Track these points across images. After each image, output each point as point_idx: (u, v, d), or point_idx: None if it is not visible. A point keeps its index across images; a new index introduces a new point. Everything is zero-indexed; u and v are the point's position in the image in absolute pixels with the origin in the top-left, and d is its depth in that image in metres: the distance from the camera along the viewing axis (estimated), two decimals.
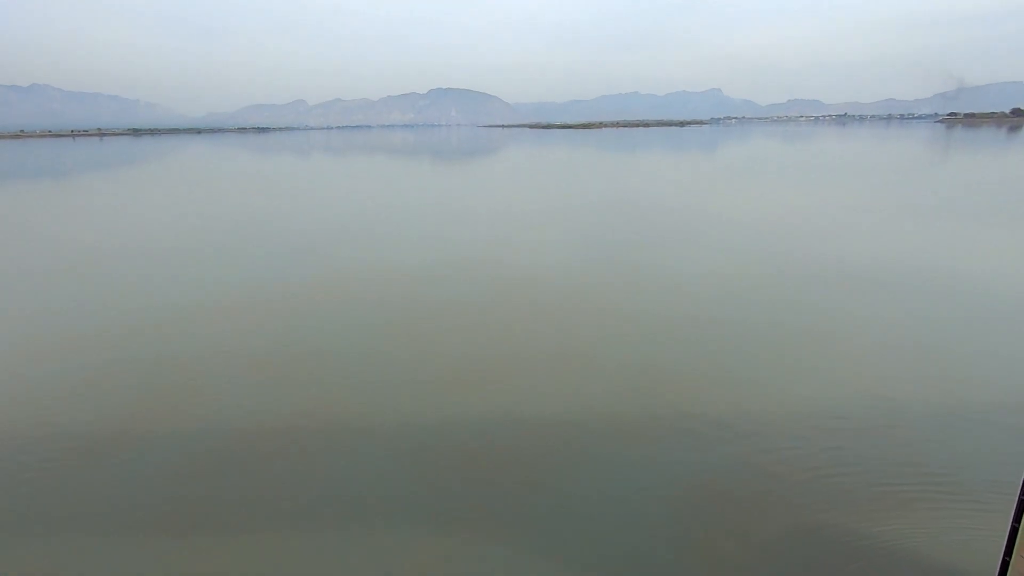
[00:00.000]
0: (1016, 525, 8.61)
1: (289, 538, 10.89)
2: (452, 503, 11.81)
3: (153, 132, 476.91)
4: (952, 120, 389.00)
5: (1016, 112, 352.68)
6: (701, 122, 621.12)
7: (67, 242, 39.43)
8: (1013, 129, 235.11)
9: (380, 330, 21.55)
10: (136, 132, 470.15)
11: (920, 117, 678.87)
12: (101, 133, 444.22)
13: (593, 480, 12.46)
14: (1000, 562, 9.04)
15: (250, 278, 29.24)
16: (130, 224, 46.57)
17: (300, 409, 15.72)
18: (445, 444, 13.93)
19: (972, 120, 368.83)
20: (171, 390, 16.91)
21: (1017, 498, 8.67)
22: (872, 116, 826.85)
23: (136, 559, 10.41)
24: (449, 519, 11.34)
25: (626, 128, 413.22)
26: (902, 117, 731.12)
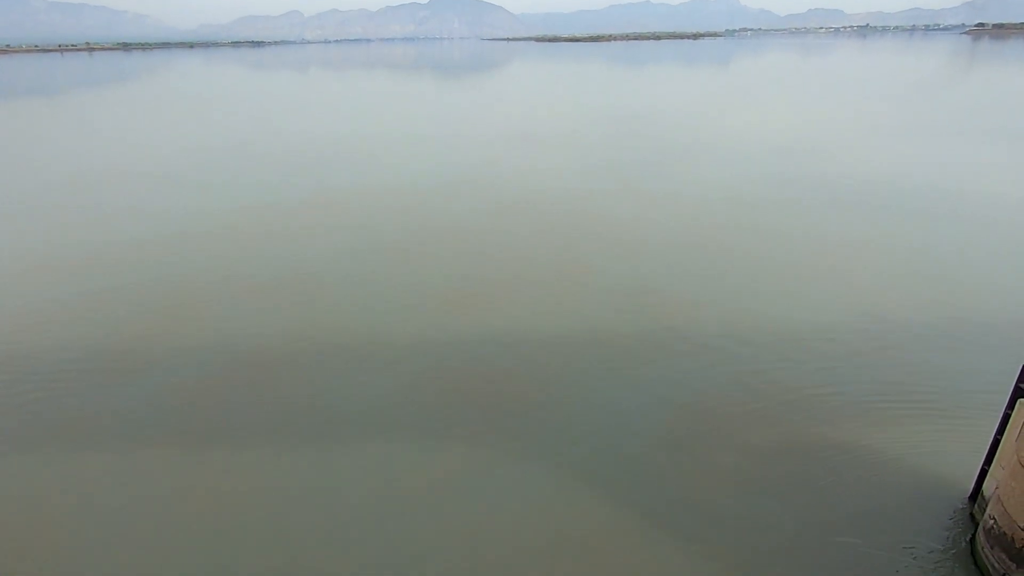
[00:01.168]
0: (998, 438, 9.00)
1: (292, 451, 11.36)
2: (452, 419, 12.24)
3: (144, 47, 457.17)
4: (979, 31, 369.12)
5: None
6: (715, 34, 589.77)
7: (65, 164, 38.93)
8: None
9: (378, 251, 21.61)
10: (126, 47, 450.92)
11: (946, 28, 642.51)
12: (90, 48, 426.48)
13: (590, 397, 12.90)
14: (979, 471, 9.54)
15: (249, 200, 29.04)
16: (129, 146, 45.74)
17: (302, 330, 16.02)
18: (444, 363, 14.25)
19: (1001, 31, 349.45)
20: (174, 311, 17.20)
21: (1002, 413, 9.02)
22: (896, 27, 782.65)
23: (144, 470, 10.91)
24: (450, 434, 11.80)
25: (636, 41, 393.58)
26: (927, 28, 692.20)
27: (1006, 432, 8.78)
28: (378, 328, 16.04)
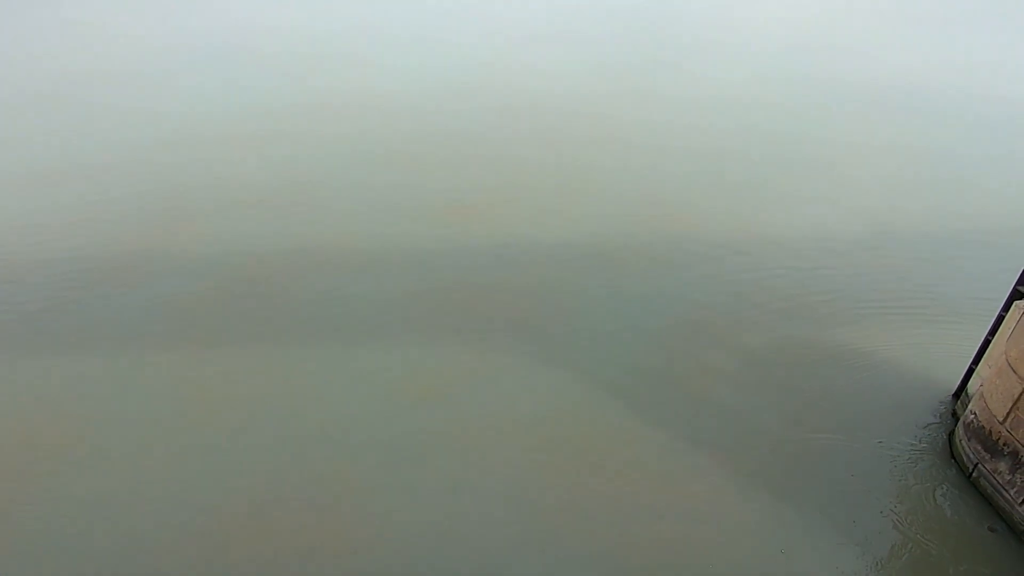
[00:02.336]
0: (989, 338, 9.22)
1: (293, 357, 11.56)
2: (452, 328, 12.38)
3: None
4: None
5: None
6: None
7: (38, 65, 36.97)
8: None
9: (374, 158, 20.98)
10: None
11: None
12: None
13: (591, 306, 13.05)
14: (966, 370, 9.87)
15: (238, 104, 27.87)
16: (106, 44, 43.22)
17: (299, 239, 15.78)
18: (443, 272, 14.21)
19: None
20: (170, 221, 16.90)
21: (997, 314, 9.18)
22: None
23: (148, 376, 11.12)
24: (450, 342, 11.98)
25: None
26: None
27: (998, 333, 8.99)
28: (376, 237, 15.92)
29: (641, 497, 8.74)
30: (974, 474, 8.73)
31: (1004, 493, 8.22)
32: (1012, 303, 8.90)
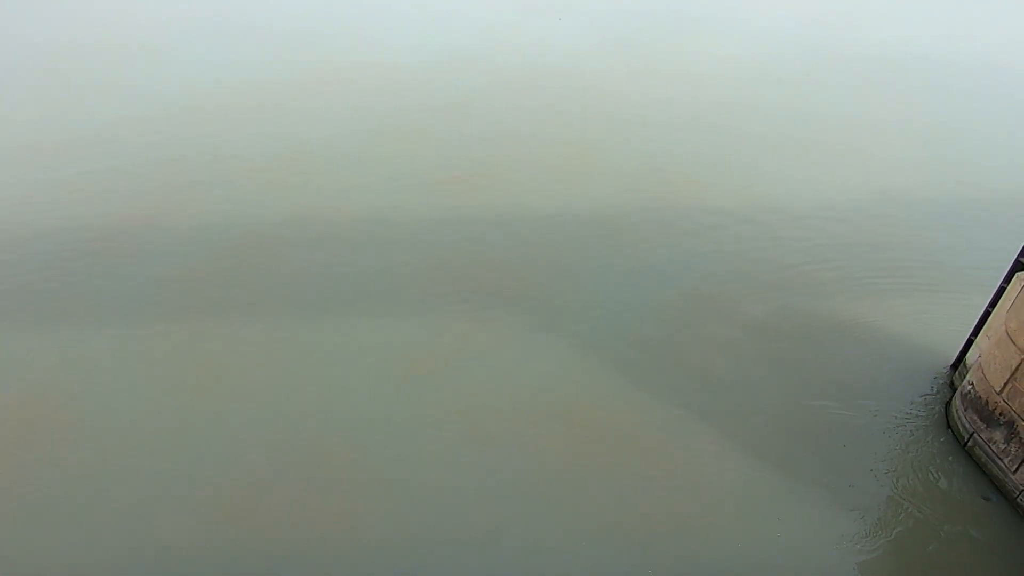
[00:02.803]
0: (990, 309, 9.23)
1: (292, 328, 11.61)
2: (453, 298, 12.40)
3: None
4: None
5: None
6: None
7: (31, 34, 36.37)
8: None
9: (373, 129, 20.75)
10: None
11: None
12: None
13: (593, 278, 13.05)
14: (965, 341, 9.91)
15: (236, 75, 27.48)
16: (98, 14, 42.45)
17: (298, 209, 15.69)
18: (444, 243, 14.16)
19: None
20: (168, 192, 16.82)
21: (998, 286, 9.17)
22: None
23: (147, 347, 11.18)
24: (451, 312, 12.01)
25: None
26: None
27: (998, 304, 8.99)
28: (376, 209, 15.83)
29: (640, 467, 8.86)
30: (969, 443, 8.84)
31: (998, 462, 8.33)
32: (1014, 274, 8.89)
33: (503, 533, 8.04)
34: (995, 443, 8.39)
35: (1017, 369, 7.91)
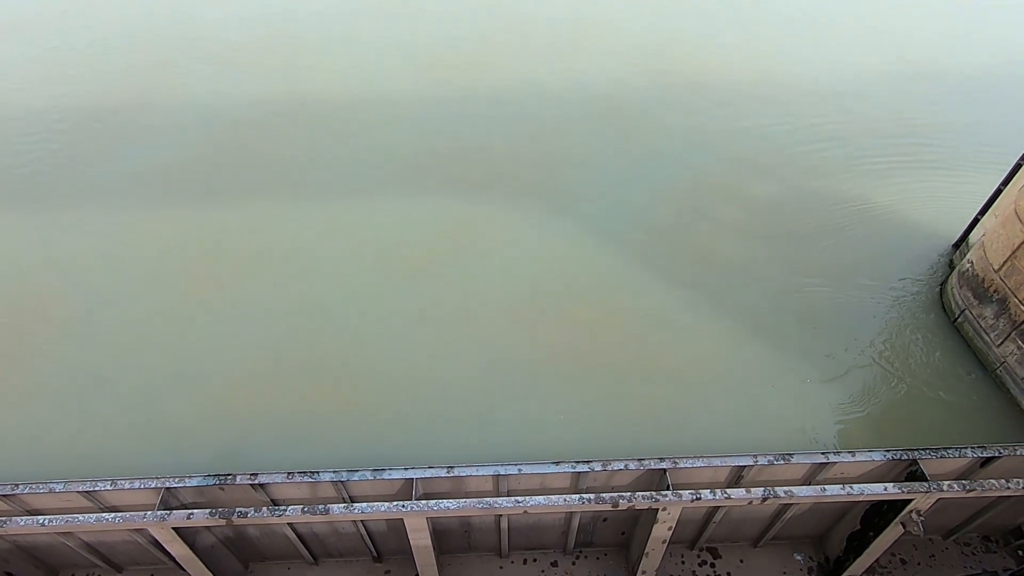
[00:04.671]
0: (1001, 188, 9.18)
1: (291, 210, 11.58)
2: (454, 179, 12.23)
3: None
4: None
5: None
6: None
7: None
8: None
9: (364, 10, 19.26)
10: None
11: None
12: None
13: (601, 158, 12.82)
14: (971, 220, 9.95)
15: None
16: None
17: (289, 90, 15.04)
18: (442, 124, 13.71)
19: None
20: (157, 76, 15.99)
21: (1013, 164, 9.04)
22: None
23: (147, 228, 11.20)
24: (451, 194, 11.90)
25: None
26: None
27: (1011, 183, 8.92)
28: (370, 89, 15.14)
29: (637, 346, 9.21)
30: (959, 319, 9.19)
31: (985, 336, 8.71)
32: None
33: (498, 411, 8.35)
34: (984, 319, 8.72)
35: (1019, 247, 8.02)
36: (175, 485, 5.33)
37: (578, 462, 5.45)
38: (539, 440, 8.07)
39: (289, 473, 5.44)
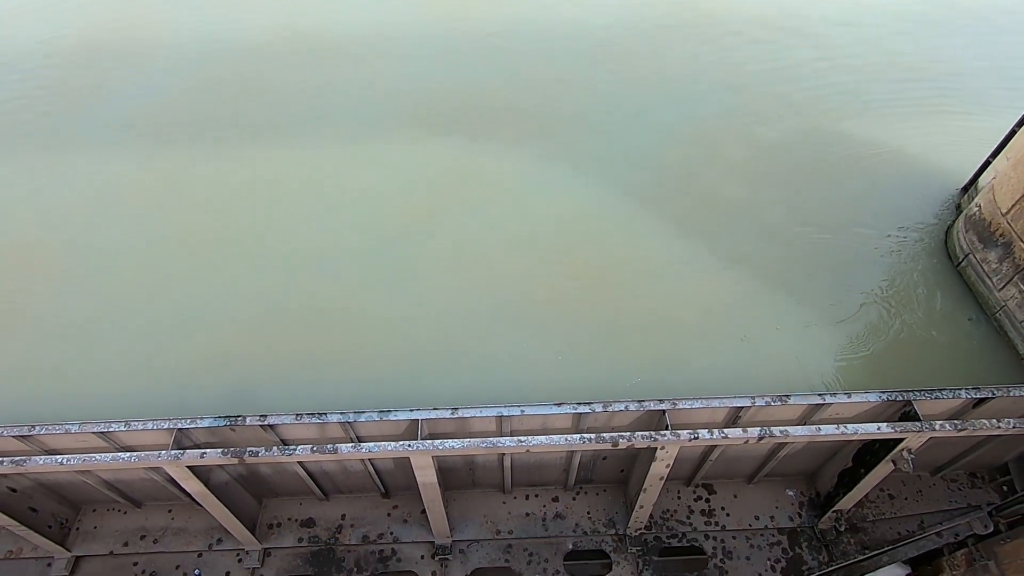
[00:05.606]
0: (1016, 129, 8.96)
1: (289, 147, 11.43)
2: (457, 117, 11.99)
3: None
4: None
5: None
6: None
7: None
8: None
9: None
10: None
11: None
12: None
13: (608, 97, 12.51)
14: (981, 163, 9.77)
15: None
16: None
17: (284, 30, 14.53)
18: (439, 70, 13.26)
19: None
20: (150, 8, 15.40)
21: None
22: None
23: (124, 182, 11.02)
24: (453, 131, 11.70)
25: None
26: None
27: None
28: (365, 26, 14.59)
29: (638, 290, 9.23)
30: (963, 263, 9.16)
31: (987, 280, 8.71)
32: None
33: (500, 356, 8.48)
34: (988, 262, 8.69)
35: None
36: (187, 426, 5.47)
37: (579, 403, 5.57)
38: (541, 383, 8.23)
39: (297, 415, 5.57)
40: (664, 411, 5.49)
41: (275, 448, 5.32)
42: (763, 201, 10.40)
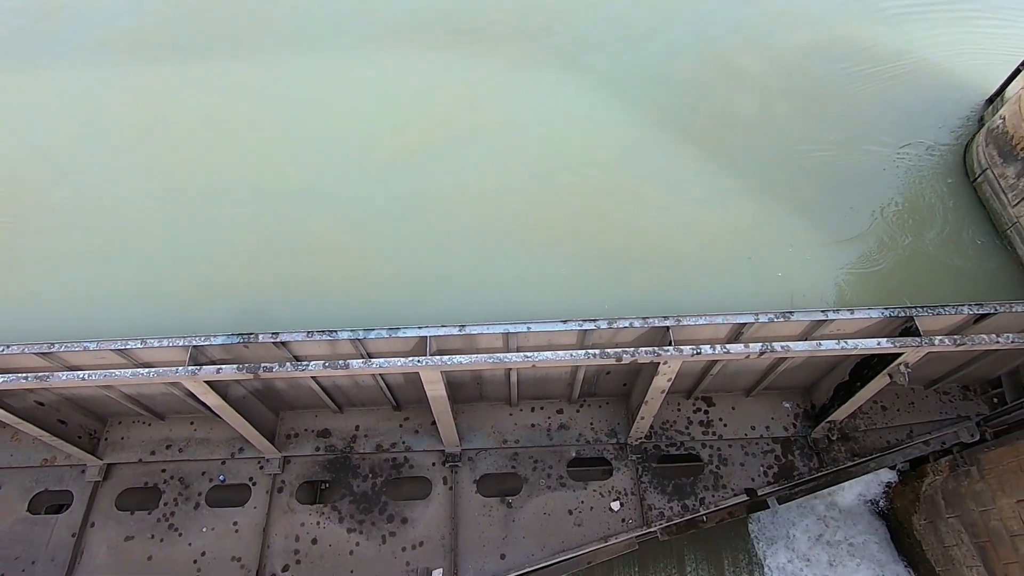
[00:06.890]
0: None
1: (284, 65, 10.99)
2: (461, 32, 11.40)
3: None
4: None
5: None
6: None
7: None
8: None
9: None
10: None
11: None
12: None
13: (616, 15, 11.78)
14: (1009, 74, 9.30)
15: None
16: None
17: None
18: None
19: None
20: None
21: None
22: None
23: (108, 101, 10.65)
24: (455, 51, 11.15)
25: None
26: None
27: None
28: None
29: (647, 209, 9.06)
30: (979, 179, 8.94)
31: (1002, 196, 8.52)
32: None
33: (507, 277, 8.43)
34: (1005, 178, 8.47)
35: None
36: (202, 343, 5.63)
37: (584, 320, 5.66)
38: (547, 306, 8.31)
39: (309, 332, 5.70)
40: (668, 327, 5.59)
41: (288, 364, 5.50)
42: (778, 114, 10.01)
